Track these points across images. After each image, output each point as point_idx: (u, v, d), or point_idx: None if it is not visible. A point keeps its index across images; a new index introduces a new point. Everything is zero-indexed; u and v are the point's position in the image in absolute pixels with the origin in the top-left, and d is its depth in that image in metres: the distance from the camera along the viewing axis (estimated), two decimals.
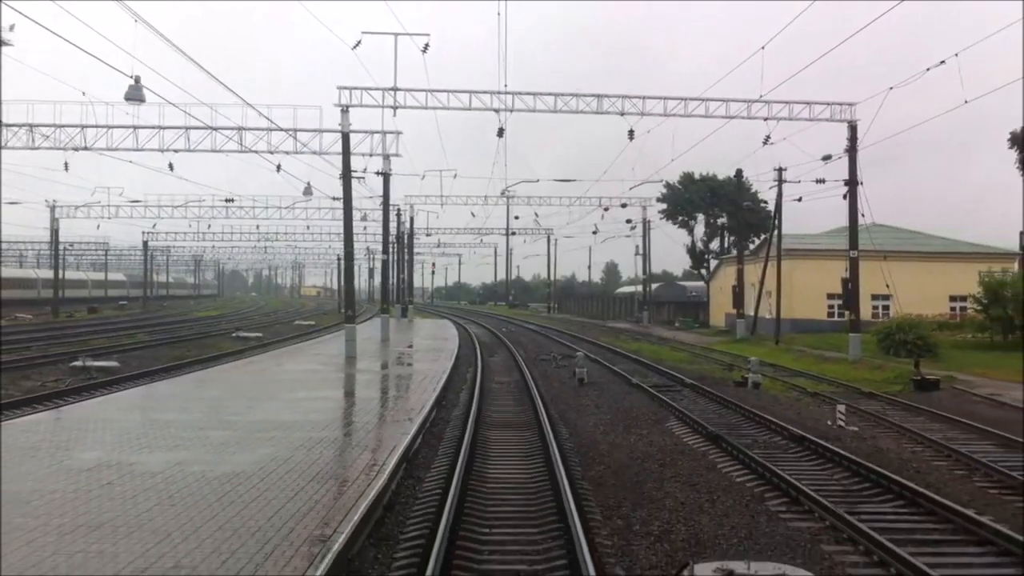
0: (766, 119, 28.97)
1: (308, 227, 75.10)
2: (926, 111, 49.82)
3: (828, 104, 29.76)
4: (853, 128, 29.96)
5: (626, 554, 8.64)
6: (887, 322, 36.13)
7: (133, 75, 19.41)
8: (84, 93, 31.03)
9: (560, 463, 12.25)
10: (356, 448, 12.82)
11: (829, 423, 16.92)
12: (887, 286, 31.65)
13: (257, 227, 76.75)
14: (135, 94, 20.45)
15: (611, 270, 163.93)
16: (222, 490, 9.70)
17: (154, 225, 75.91)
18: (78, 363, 25.26)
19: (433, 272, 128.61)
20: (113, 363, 26.10)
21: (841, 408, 17.26)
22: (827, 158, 31.45)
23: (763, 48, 23.50)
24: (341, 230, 78.40)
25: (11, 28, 63.37)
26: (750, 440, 14.95)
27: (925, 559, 8.18)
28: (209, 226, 76.25)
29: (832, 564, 8.34)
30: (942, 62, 21.37)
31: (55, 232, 73.95)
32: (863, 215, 29.74)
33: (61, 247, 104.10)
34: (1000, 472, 12.41)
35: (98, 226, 76.62)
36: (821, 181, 31.94)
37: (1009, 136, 26.12)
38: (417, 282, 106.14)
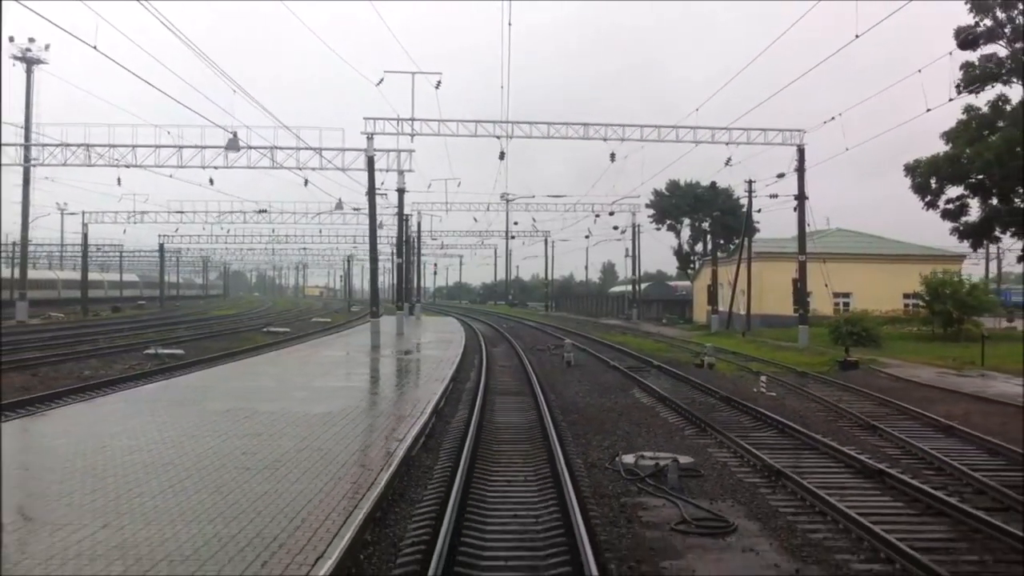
0: (727, 143, 34.12)
1: (320, 231, 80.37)
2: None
3: (780, 131, 34.92)
4: (801, 151, 35.13)
5: (584, 455, 13.75)
6: (838, 317, 41.25)
7: (232, 130, 24.63)
8: (169, 133, 35.86)
9: (547, 413, 17.32)
10: (400, 403, 17.95)
11: (755, 390, 22.04)
12: (825, 285, 36.74)
13: (272, 230, 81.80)
14: (233, 145, 25.59)
15: (608, 270, 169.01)
16: (321, 421, 14.80)
17: (176, 229, 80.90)
18: (151, 351, 30.33)
19: (435, 272, 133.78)
20: (180, 351, 31.19)
21: (763, 378, 22.42)
22: (781, 175, 36.60)
23: (697, 110, 28.61)
24: (349, 232, 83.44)
25: (46, 48, 67.96)
26: (689, 400, 20.08)
27: (770, 456, 13.25)
28: (228, 230, 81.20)
29: (709, 457, 13.48)
30: (832, 118, 26.38)
31: (84, 236, 78.99)
32: (810, 224, 34.77)
33: (68, 248, 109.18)
34: (853, 415, 17.56)
35: (124, 231, 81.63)
36: (774, 196, 37.21)
37: (904, 166, 31.09)
38: (413, 280, 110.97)
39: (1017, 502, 10.48)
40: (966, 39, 19.85)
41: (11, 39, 62.33)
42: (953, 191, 30.25)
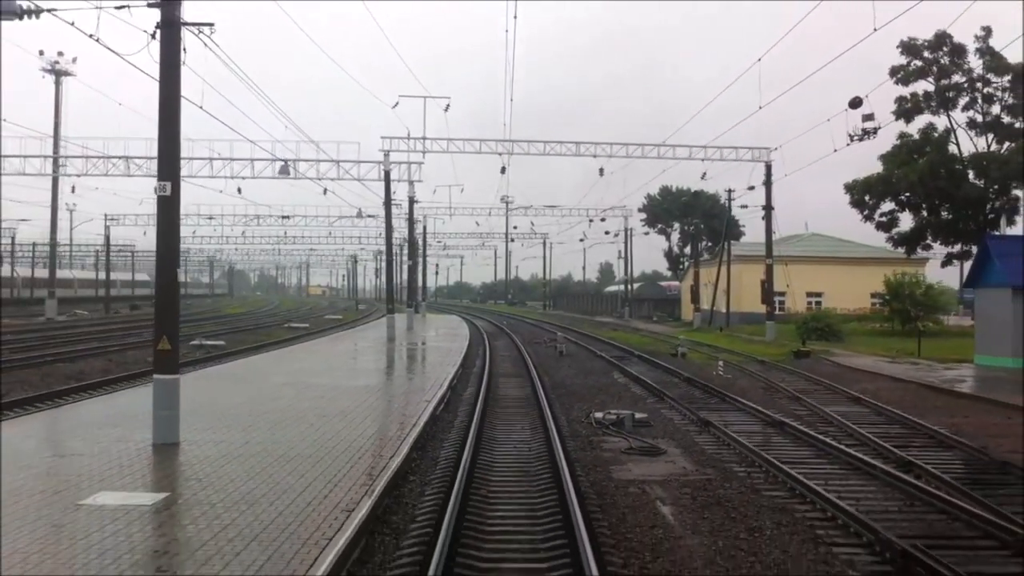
0: (703, 159, 38.50)
1: (330, 232, 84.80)
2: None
3: (751, 148, 39.35)
4: (768, 166, 39.56)
5: (567, 414, 18.11)
6: (804, 314, 45.60)
7: (284, 159, 28.96)
8: (219, 154, 40.10)
9: (540, 389, 21.66)
10: (422, 380, 22.30)
11: (714, 373, 26.40)
12: (787, 285, 41.10)
13: (285, 232, 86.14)
14: (285, 171, 30.00)
15: (606, 270, 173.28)
16: (364, 390, 19.17)
17: (194, 231, 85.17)
18: (196, 342, 34.63)
19: (437, 273, 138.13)
20: (221, 342, 35.52)
21: (720, 363, 26.76)
22: (751, 188, 41.04)
23: (665, 142, 33.02)
24: (355, 234, 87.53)
25: (73, 61, 71.93)
26: (657, 380, 24.42)
27: (706, 414, 17.58)
28: (243, 232, 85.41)
29: (660, 414, 17.86)
30: (777, 147, 30.69)
31: (107, 239, 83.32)
32: (776, 232, 39.15)
33: (79, 248, 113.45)
34: (787, 391, 21.92)
35: (144, 232, 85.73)
36: (744, 207, 41.59)
37: (844, 185, 35.39)
38: (419, 281, 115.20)
39: (868, 439, 14.86)
40: (854, 102, 24.36)
41: (41, 52, 66.85)
42: (886, 206, 34.56)
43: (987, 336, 27.79)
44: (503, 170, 39.54)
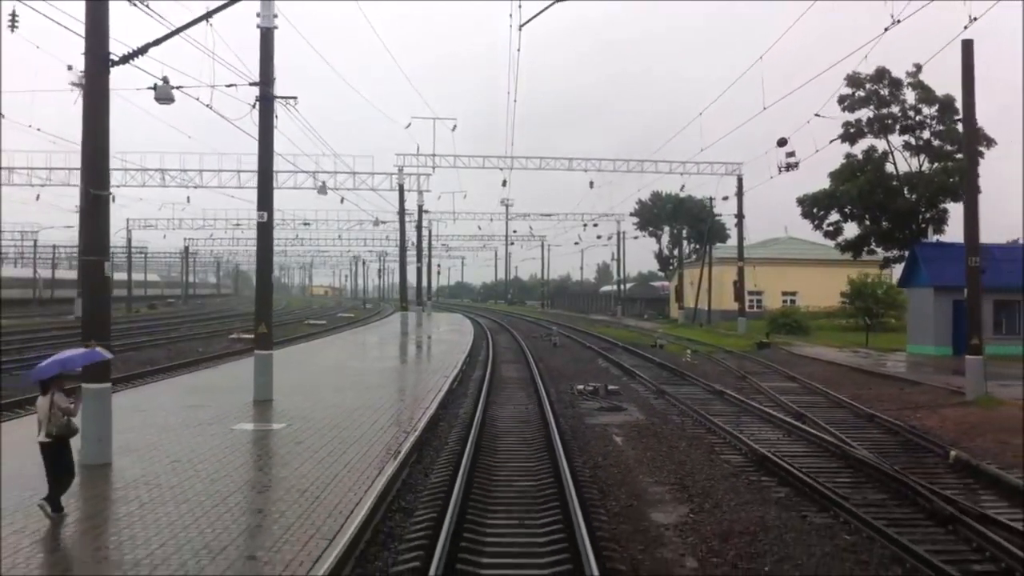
0: (682, 174, 43.34)
1: (339, 236, 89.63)
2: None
3: (724, 163, 44.17)
4: (739, 179, 44.38)
5: (556, 387, 22.87)
6: (774, 311, 50.34)
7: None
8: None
9: (536, 372, 26.43)
10: (437, 365, 27.07)
11: (683, 359, 31.18)
12: (755, 285, 45.86)
13: (296, 235, 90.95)
14: (323, 191, 34.84)
15: (603, 270, 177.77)
16: (392, 371, 23.96)
17: (211, 235, 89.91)
18: (234, 336, 39.37)
19: (439, 273, 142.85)
20: None
21: (689, 351, 31.55)
22: (725, 198, 45.87)
23: (649, 158, 37.65)
24: (362, 236, 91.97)
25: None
26: (634, 364, 29.20)
27: (663, 386, 22.36)
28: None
29: (629, 387, 22.65)
30: (741, 164, 35.34)
31: (128, 241, 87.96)
32: (746, 237, 43.87)
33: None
34: (739, 372, 26.67)
35: (164, 236, 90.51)
36: (719, 214, 46.30)
37: (796, 199, 40.14)
38: (424, 282, 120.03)
39: (784, 403, 19.63)
40: (780, 141, 29.20)
41: (69, 67, 71.46)
42: (832, 217, 39.34)
43: (916, 328, 32.57)
44: (504, 183, 44.45)
